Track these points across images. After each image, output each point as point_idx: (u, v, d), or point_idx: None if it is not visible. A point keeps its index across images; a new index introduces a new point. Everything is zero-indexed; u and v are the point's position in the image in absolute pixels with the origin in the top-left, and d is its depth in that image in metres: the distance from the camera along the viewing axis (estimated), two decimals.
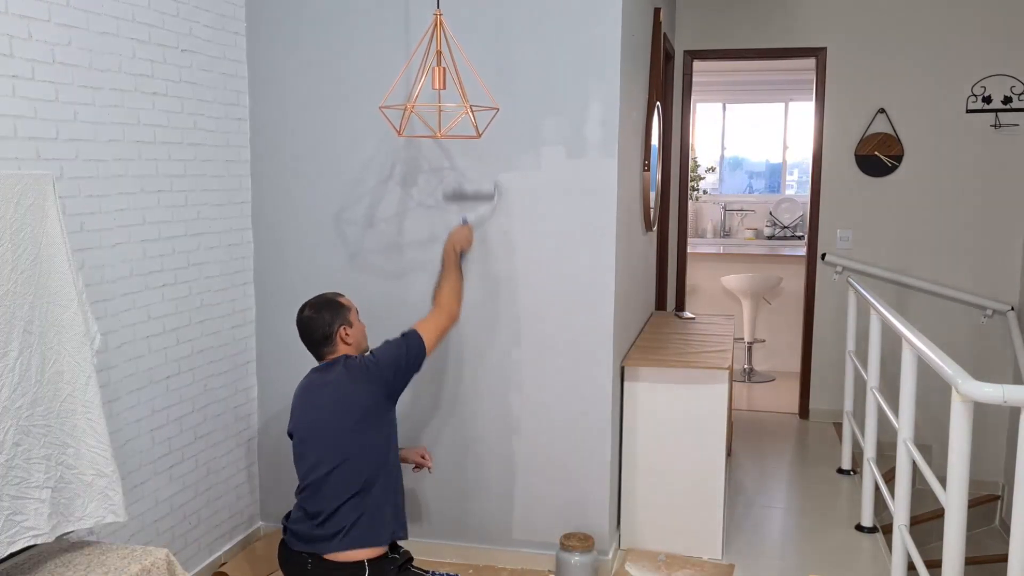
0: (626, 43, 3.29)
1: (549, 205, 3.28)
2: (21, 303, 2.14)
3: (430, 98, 3.12)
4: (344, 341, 2.75)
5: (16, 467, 2.11)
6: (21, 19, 2.40)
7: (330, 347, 2.75)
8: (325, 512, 2.62)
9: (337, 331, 2.74)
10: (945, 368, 2.48)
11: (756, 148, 8.31)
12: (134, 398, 2.93)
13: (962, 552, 2.43)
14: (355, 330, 2.79)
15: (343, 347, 2.76)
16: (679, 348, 3.79)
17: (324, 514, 2.62)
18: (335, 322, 2.74)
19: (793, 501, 4.26)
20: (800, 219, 7.54)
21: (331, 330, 2.73)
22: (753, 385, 6.39)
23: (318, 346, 2.77)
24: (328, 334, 2.73)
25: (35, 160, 2.47)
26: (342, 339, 2.74)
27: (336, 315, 2.76)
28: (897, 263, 5.22)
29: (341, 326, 2.75)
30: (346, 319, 2.77)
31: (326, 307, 2.77)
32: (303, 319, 2.77)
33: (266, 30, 3.44)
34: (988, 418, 4.82)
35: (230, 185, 3.41)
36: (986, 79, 4.98)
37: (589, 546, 3.23)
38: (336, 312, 2.76)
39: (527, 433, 3.41)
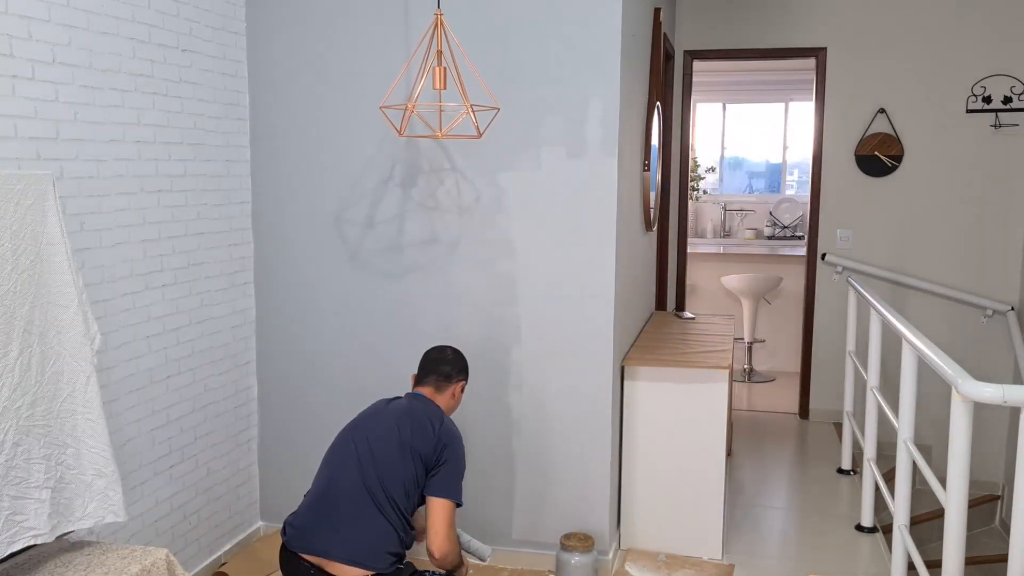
0: (626, 43, 3.29)
1: (549, 205, 3.28)
2: (21, 303, 2.14)
3: (431, 98, 3.13)
4: (454, 394, 2.84)
5: (16, 467, 2.11)
6: (21, 19, 2.40)
7: (442, 384, 2.81)
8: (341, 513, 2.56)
9: (458, 380, 2.84)
10: (945, 368, 2.48)
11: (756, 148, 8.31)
12: (134, 398, 2.93)
13: (962, 552, 2.43)
14: (461, 397, 2.90)
15: (448, 396, 2.82)
16: (679, 348, 3.79)
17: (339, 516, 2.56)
18: (464, 375, 2.87)
19: (793, 501, 4.26)
20: (800, 219, 7.54)
21: (456, 375, 2.83)
22: (753, 385, 6.39)
23: (435, 375, 2.81)
24: (450, 375, 2.82)
25: (35, 160, 2.47)
26: (455, 390, 2.84)
27: (466, 373, 2.88)
28: (897, 263, 5.22)
29: (463, 382, 2.87)
30: (466, 381, 2.89)
31: (465, 361, 2.90)
32: (443, 347, 2.89)
33: (266, 30, 3.44)
34: (988, 418, 4.82)
35: (230, 185, 3.41)
36: (986, 79, 4.98)
37: (589, 546, 3.23)
38: (467, 371, 2.89)
39: (527, 433, 3.41)
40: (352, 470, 2.59)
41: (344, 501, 2.56)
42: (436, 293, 3.42)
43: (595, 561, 3.25)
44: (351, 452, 2.63)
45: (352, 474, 2.59)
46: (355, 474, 2.58)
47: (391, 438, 2.62)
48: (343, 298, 3.51)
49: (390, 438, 2.62)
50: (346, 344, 3.53)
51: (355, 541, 2.53)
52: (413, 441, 2.62)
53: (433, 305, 3.43)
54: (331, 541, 2.54)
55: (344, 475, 2.60)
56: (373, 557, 2.52)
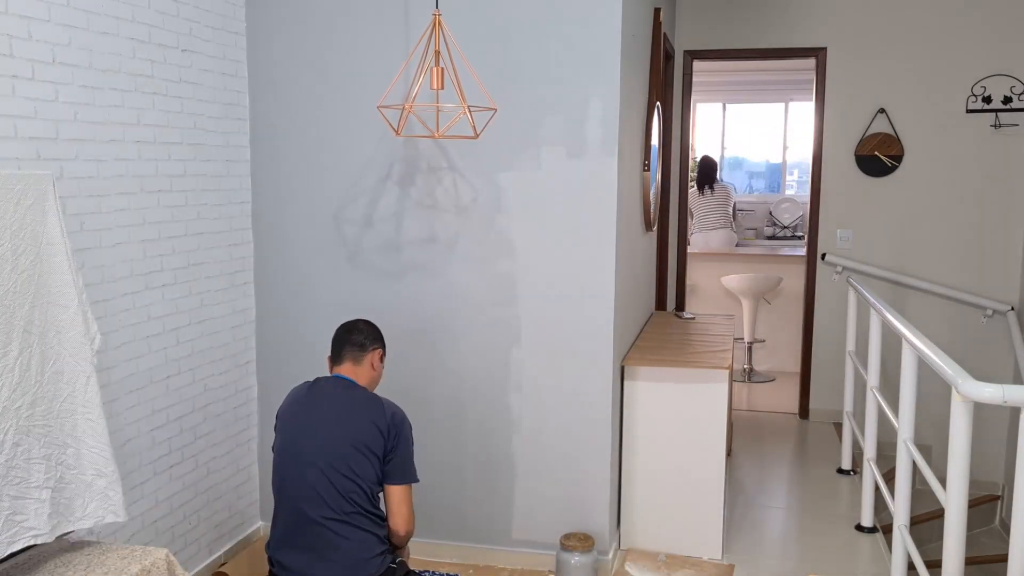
0: (626, 43, 3.29)
1: (549, 205, 3.28)
2: (21, 303, 2.14)
3: (429, 98, 3.13)
4: (372, 364, 2.73)
5: (16, 467, 2.11)
6: (21, 19, 2.40)
7: (359, 355, 2.69)
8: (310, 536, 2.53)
9: (374, 348, 2.73)
10: (945, 368, 2.48)
11: (756, 148, 8.31)
12: (134, 398, 2.93)
13: (962, 552, 2.43)
14: (382, 365, 2.79)
15: (367, 367, 2.71)
16: (679, 348, 3.79)
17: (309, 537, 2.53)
18: (378, 342, 2.76)
19: (793, 501, 4.26)
20: (800, 219, 7.54)
21: (370, 344, 2.72)
22: (753, 385, 6.39)
23: (349, 346, 2.70)
24: (364, 344, 2.71)
25: (35, 160, 2.47)
26: (372, 359, 2.72)
27: (381, 339, 2.78)
28: (897, 263, 5.22)
29: (380, 349, 2.76)
30: (384, 349, 2.79)
31: (378, 330, 2.79)
32: (352, 321, 2.77)
33: (266, 30, 3.44)
34: (988, 418, 4.82)
35: (230, 185, 3.41)
36: (986, 79, 4.98)
37: (589, 546, 3.23)
38: (381, 337, 2.79)
39: (527, 433, 3.41)
40: (310, 492, 2.53)
41: (313, 527, 2.53)
42: (435, 293, 3.42)
43: (595, 561, 3.25)
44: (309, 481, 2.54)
45: (311, 497, 2.53)
46: (313, 496, 2.52)
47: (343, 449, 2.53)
48: (343, 298, 3.51)
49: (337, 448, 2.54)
50: None
51: (339, 562, 2.52)
52: (368, 444, 2.55)
53: (432, 305, 3.43)
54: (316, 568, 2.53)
55: (303, 500, 2.54)
56: (364, 565, 2.53)
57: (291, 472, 2.60)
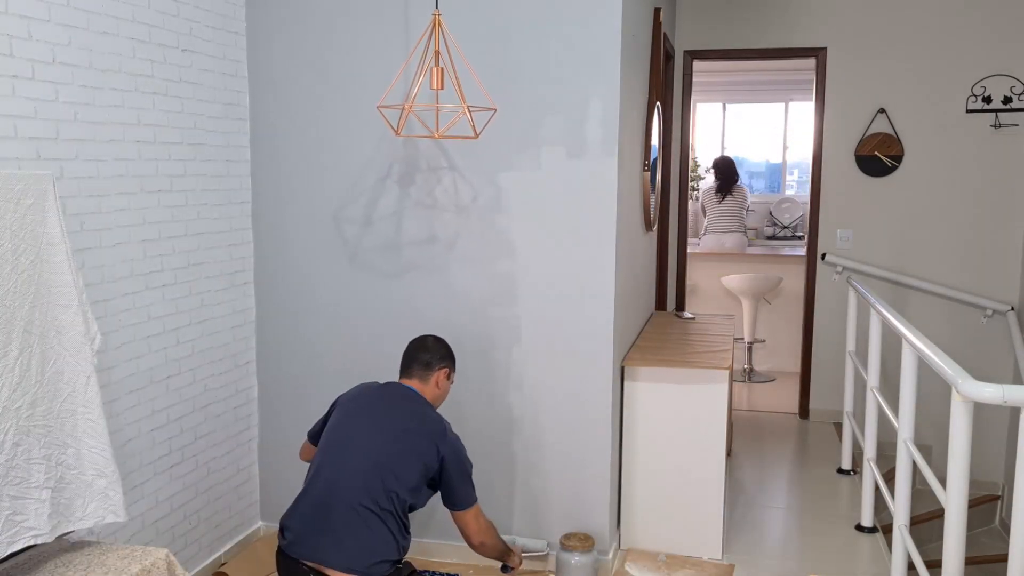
0: (626, 43, 3.29)
1: (549, 205, 3.28)
2: (21, 303, 2.14)
3: (429, 98, 3.13)
4: (437, 382, 2.77)
5: (16, 467, 2.11)
6: (21, 19, 2.40)
7: (425, 373, 2.75)
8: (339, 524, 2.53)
9: (441, 368, 2.78)
10: (945, 368, 2.48)
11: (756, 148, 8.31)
12: (134, 398, 2.93)
13: (962, 552, 2.43)
14: (447, 384, 2.83)
15: (432, 386, 2.76)
16: (679, 348, 3.79)
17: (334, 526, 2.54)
18: (446, 361, 2.80)
19: (793, 501, 4.26)
20: (800, 219, 7.54)
21: (438, 363, 2.77)
22: (753, 385, 6.39)
23: (416, 364, 2.76)
24: (432, 363, 2.76)
25: (35, 160, 2.47)
26: (438, 378, 2.77)
27: (450, 358, 2.83)
28: (897, 263, 5.22)
29: (447, 368, 2.80)
30: (452, 368, 2.83)
31: (447, 346, 2.85)
32: (423, 337, 2.84)
33: (266, 30, 3.44)
34: (988, 418, 4.82)
35: (230, 185, 3.41)
36: (986, 79, 4.98)
37: (589, 546, 3.23)
38: (451, 356, 2.84)
39: (527, 433, 3.41)
40: (352, 477, 2.55)
41: (343, 509, 2.53)
42: (435, 292, 3.42)
43: (595, 561, 3.25)
44: (351, 456, 2.58)
45: (352, 482, 2.54)
46: (355, 482, 2.54)
47: (394, 446, 2.59)
48: (343, 297, 3.52)
49: (393, 446, 2.59)
50: (346, 343, 3.53)
51: (354, 550, 2.51)
52: (424, 460, 2.61)
53: (432, 304, 3.43)
54: (329, 549, 2.52)
55: (343, 481, 2.56)
56: (372, 566, 2.52)
57: (334, 459, 2.62)
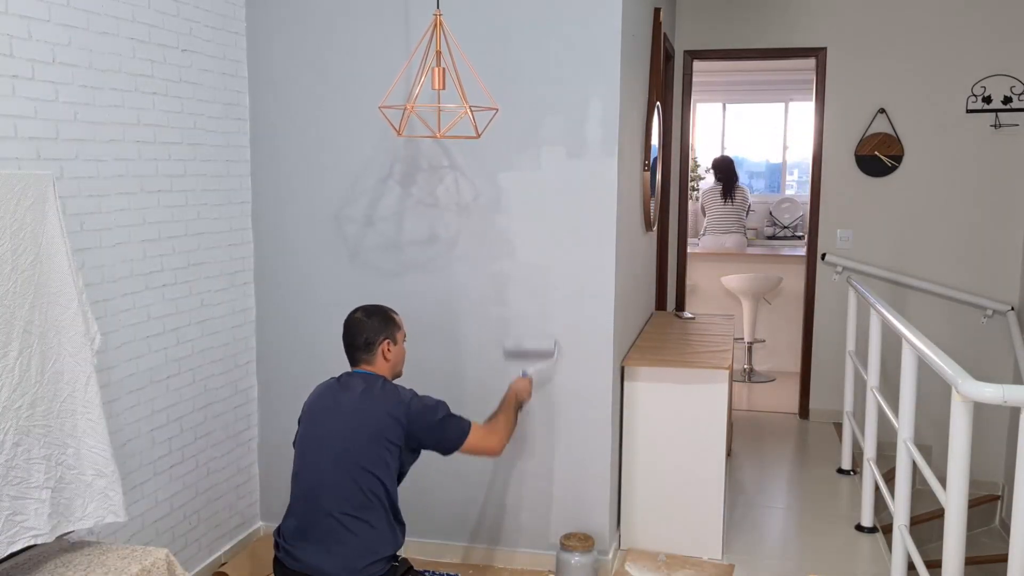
0: (626, 43, 3.29)
1: (549, 205, 3.28)
2: (21, 303, 2.14)
3: (430, 98, 3.13)
4: (384, 355, 2.68)
5: (16, 467, 2.11)
6: (21, 19, 2.40)
7: (368, 355, 2.67)
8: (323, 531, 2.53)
9: (380, 342, 2.67)
10: (945, 368, 2.48)
11: (756, 148, 8.31)
12: (134, 398, 2.93)
13: (962, 552, 2.43)
14: (397, 349, 2.72)
15: (380, 362, 2.68)
16: (679, 348, 3.79)
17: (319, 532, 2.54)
18: (382, 333, 2.67)
19: (793, 501, 4.26)
20: (800, 219, 7.54)
21: (375, 338, 2.66)
22: (753, 385, 6.39)
23: (356, 350, 2.68)
24: (371, 341, 2.66)
25: (35, 160, 2.47)
26: (383, 352, 2.67)
27: (385, 327, 2.68)
28: (897, 263, 5.22)
29: (386, 339, 2.68)
30: (393, 334, 2.70)
31: (378, 314, 2.70)
32: (352, 319, 2.70)
33: (266, 30, 3.44)
34: (988, 418, 4.82)
35: (230, 185, 3.41)
36: (986, 79, 4.98)
37: (589, 546, 3.22)
38: (386, 324, 2.70)
39: (527, 433, 3.41)
40: (326, 484, 2.54)
41: (324, 519, 2.52)
42: (435, 292, 3.42)
43: (595, 561, 3.25)
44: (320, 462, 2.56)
45: (327, 489, 2.54)
46: (330, 488, 2.53)
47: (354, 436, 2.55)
48: (343, 297, 3.50)
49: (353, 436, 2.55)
50: None
51: (343, 556, 2.51)
52: (386, 435, 2.55)
53: (432, 304, 3.43)
54: (321, 558, 2.52)
55: (319, 490, 2.55)
56: (366, 567, 2.52)
57: (308, 464, 2.60)
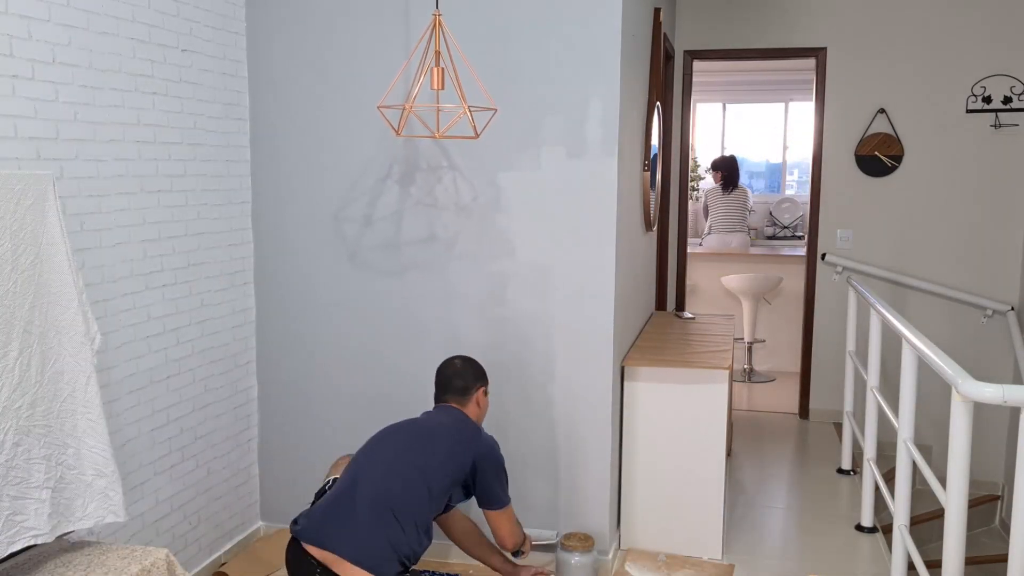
0: (626, 43, 3.29)
1: (549, 205, 3.28)
2: (21, 303, 2.14)
3: (429, 98, 3.13)
4: (477, 402, 2.88)
5: (16, 467, 2.11)
6: (21, 19, 2.40)
7: (462, 399, 2.85)
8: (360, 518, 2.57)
9: (476, 389, 2.87)
10: (945, 368, 2.48)
11: (756, 148, 8.31)
12: (134, 398, 2.93)
13: (962, 552, 2.43)
14: (486, 401, 2.93)
15: (473, 407, 2.86)
16: (679, 348, 3.79)
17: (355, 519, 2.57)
18: (479, 382, 2.89)
19: (793, 501, 4.26)
20: (800, 219, 7.54)
21: (472, 384, 2.87)
22: (753, 385, 6.39)
23: (451, 393, 2.86)
24: (467, 387, 2.86)
25: (35, 160, 2.47)
26: (477, 399, 2.88)
27: (482, 377, 2.91)
28: (897, 263, 5.22)
29: (481, 387, 2.89)
30: (486, 385, 2.92)
31: (477, 366, 2.93)
32: (454, 363, 2.91)
33: (266, 30, 3.44)
34: (988, 418, 4.82)
35: (230, 185, 3.41)
36: (986, 79, 4.98)
37: (589, 546, 3.22)
38: (482, 375, 2.92)
39: (527, 433, 3.41)
40: (380, 476, 2.63)
41: (366, 506, 2.59)
42: (435, 292, 3.42)
43: (595, 561, 3.25)
44: (384, 460, 2.67)
45: (380, 480, 2.62)
46: (382, 481, 2.62)
47: (426, 448, 2.68)
48: (343, 297, 3.51)
49: (425, 448, 2.68)
50: (346, 343, 3.53)
51: (369, 546, 2.55)
52: (453, 455, 2.69)
53: (432, 304, 3.43)
54: (345, 540, 2.56)
55: (371, 479, 2.63)
56: (383, 564, 2.54)
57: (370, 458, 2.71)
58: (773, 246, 7.36)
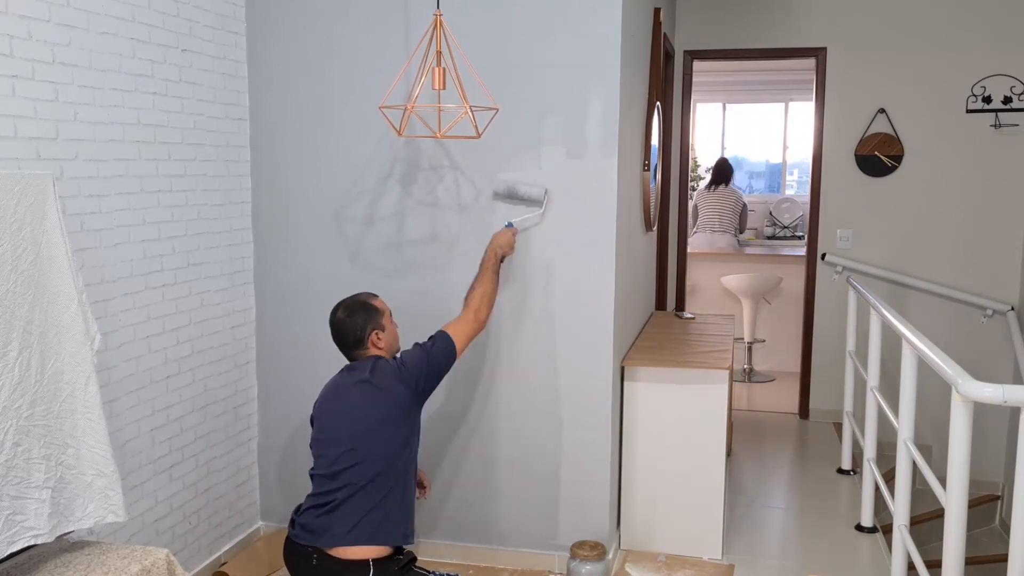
0: (626, 43, 3.29)
1: (549, 205, 3.28)
2: (21, 303, 2.14)
3: (430, 98, 3.13)
4: (375, 345, 2.77)
5: (16, 467, 2.11)
6: (21, 19, 2.40)
7: (361, 350, 2.78)
8: (336, 501, 2.64)
9: (369, 335, 2.76)
10: (945, 368, 2.48)
11: (756, 148, 8.32)
12: (134, 398, 2.93)
13: (962, 552, 2.43)
14: (387, 334, 2.81)
15: (374, 350, 2.79)
16: (679, 348, 3.79)
17: (333, 504, 2.64)
18: (367, 326, 2.76)
19: (793, 501, 4.26)
20: (800, 219, 7.54)
21: (363, 334, 2.75)
22: (753, 385, 6.39)
23: (350, 348, 2.80)
24: (360, 337, 2.75)
25: (35, 160, 2.47)
26: (373, 343, 2.77)
27: (369, 319, 2.77)
28: (897, 263, 5.22)
29: (373, 330, 2.77)
30: (378, 323, 2.78)
31: (359, 310, 2.78)
32: (336, 321, 2.79)
33: (266, 30, 3.44)
34: (988, 418, 4.82)
35: (230, 185, 3.41)
36: (986, 79, 4.98)
37: (600, 554, 3.18)
38: (369, 315, 2.77)
39: (527, 433, 3.41)
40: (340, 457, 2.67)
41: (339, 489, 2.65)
42: (436, 291, 3.42)
43: (607, 570, 3.22)
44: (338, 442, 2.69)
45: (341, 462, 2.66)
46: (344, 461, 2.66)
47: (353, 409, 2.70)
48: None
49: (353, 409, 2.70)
50: None
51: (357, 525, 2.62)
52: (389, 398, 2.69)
53: (433, 304, 3.42)
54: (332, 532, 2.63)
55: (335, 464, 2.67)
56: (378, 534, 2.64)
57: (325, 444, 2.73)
58: (773, 246, 7.36)
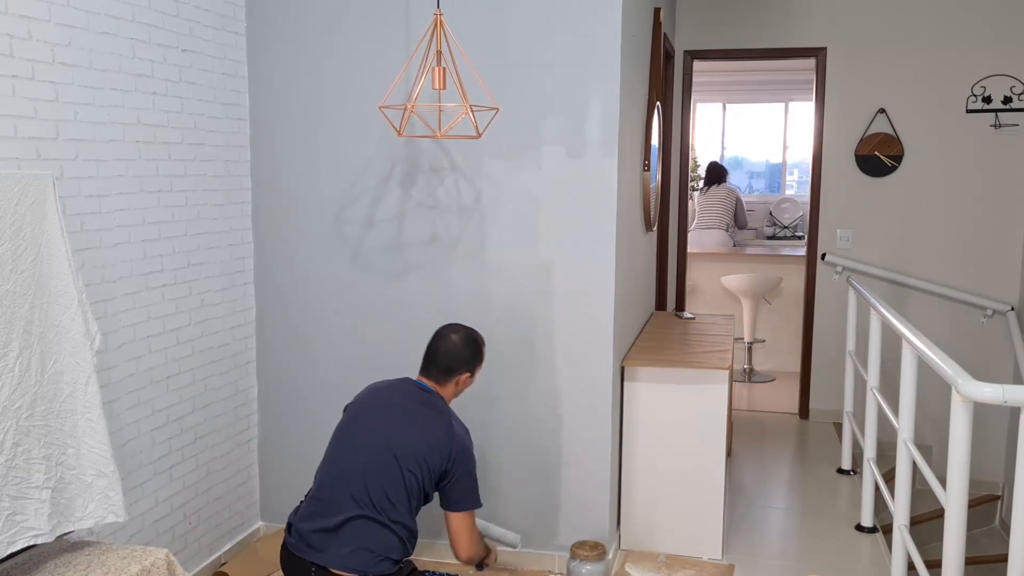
0: (626, 43, 3.29)
1: (549, 205, 3.28)
2: (21, 303, 2.14)
3: (430, 98, 3.13)
4: (457, 383, 2.74)
5: (16, 467, 2.11)
6: (21, 19, 2.40)
7: (442, 378, 2.72)
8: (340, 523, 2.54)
9: (462, 373, 2.73)
10: (945, 368, 2.48)
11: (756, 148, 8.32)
12: (134, 398, 2.93)
13: (962, 552, 2.43)
14: (470, 383, 2.80)
15: (450, 388, 2.73)
16: (679, 348, 3.79)
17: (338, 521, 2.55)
18: (468, 366, 2.74)
19: (793, 501, 4.26)
20: (800, 219, 7.54)
21: (459, 367, 2.72)
22: (753, 385, 6.39)
23: (437, 369, 2.71)
24: (454, 368, 2.71)
25: (35, 160, 2.47)
26: (457, 381, 2.74)
27: (474, 359, 2.75)
28: (897, 263, 5.22)
29: (468, 372, 2.75)
30: (474, 369, 2.77)
31: (473, 345, 2.75)
32: (448, 340, 2.73)
33: (266, 30, 3.44)
34: (988, 418, 4.82)
35: (230, 185, 3.41)
36: (986, 79, 4.98)
37: (600, 554, 3.18)
38: (475, 357, 2.75)
39: (527, 433, 3.41)
40: (357, 479, 2.57)
41: (347, 512, 2.55)
42: (436, 292, 3.42)
43: (607, 570, 3.22)
44: (357, 460, 2.60)
45: (357, 484, 2.57)
46: (359, 484, 2.56)
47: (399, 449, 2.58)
48: (343, 298, 3.51)
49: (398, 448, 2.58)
50: (346, 344, 3.53)
51: (356, 551, 2.53)
52: (425, 455, 2.58)
53: (433, 304, 3.42)
54: (332, 550, 2.54)
55: (347, 484, 2.58)
56: (374, 565, 2.53)
57: (343, 457, 2.63)
58: (773, 246, 7.36)
